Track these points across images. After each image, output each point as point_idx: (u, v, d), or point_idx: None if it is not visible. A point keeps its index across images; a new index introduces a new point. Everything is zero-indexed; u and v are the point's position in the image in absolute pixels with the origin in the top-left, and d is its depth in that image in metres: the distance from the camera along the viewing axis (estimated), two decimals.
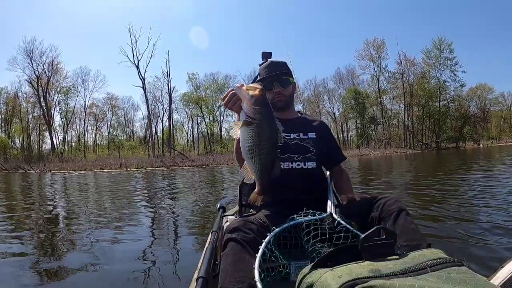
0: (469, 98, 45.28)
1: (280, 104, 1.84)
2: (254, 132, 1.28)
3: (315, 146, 1.76)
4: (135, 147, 42.54)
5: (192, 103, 45.48)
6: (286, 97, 1.86)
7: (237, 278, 1.12)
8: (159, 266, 2.97)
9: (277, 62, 1.90)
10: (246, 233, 1.27)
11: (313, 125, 1.87)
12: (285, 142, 1.70)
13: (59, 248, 3.64)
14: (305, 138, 1.78)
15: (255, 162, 1.32)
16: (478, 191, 6.04)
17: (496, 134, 52.40)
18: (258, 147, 1.29)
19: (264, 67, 1.88)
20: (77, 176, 18.11)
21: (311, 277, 0.90)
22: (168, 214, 5.45)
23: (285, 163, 1.71)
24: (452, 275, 0.79)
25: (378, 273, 0.81)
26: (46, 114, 39.35)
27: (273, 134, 1.33)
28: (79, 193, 9.69)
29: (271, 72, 1.83)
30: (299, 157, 1.72)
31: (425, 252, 0.92)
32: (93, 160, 30.87)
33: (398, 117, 42.93)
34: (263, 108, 1.28)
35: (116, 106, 49.05)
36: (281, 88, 1.83)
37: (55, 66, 40.00)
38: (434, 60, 41.12)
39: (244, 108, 1.30)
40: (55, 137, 41.85)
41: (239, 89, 1.33)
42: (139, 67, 37.19)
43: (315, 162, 1.74)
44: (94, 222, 4.87)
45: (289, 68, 1.91)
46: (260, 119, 1.28)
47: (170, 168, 22.81)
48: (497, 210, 4.42)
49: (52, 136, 40.54)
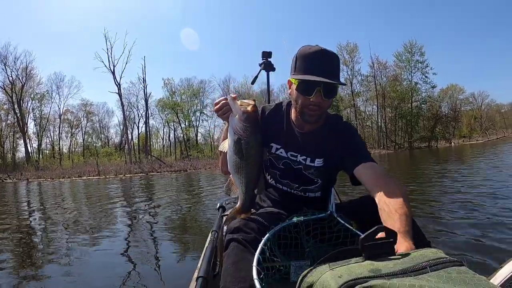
0: (440, 98, 47.84)
1: (311, 119, 1.46)
2: (242, 148, 1.28)
3: (320, 176, 1.57)
4: (111, 154, 42.91)
5: (168, 109, 46.19)
6: (322, 112, 1.46)
7: (238, 278, 1.14)
8: (159, 266, 3.12)
9: (331, 55, 1.41)
10: (247, 233, 1.29)
11: (329, 142, 1.51)
12: (287, 165, 1.58)
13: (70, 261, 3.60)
14: (310, 166, 1.54)
15: (240, 178, 1.33)
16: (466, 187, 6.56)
17: (467, 133, 54.68)
18: (244, 163, 1.30)
19: (309, 55, 1.38)
20: (58, 184, 18.71)
21: (311, 276, 0.92)
22: (165, 217, 5.68)
23: (284, 187, 1.64)
24: (452, 275, 0.79)
25: (378, 273, 0.82)
26: (21, 121, 39.27)
27: (259, 153, 1.33)
28: (67, 201, 9.80)
29: (322, 71, 1.35)
30: (299, 187, 1.61)
31: (425, 251, 0.92)
32: (69, 168, 31.31)
33: (371, 119, 45.17)
34: (253, 126, 1.27)
35: (91, 112, 49.34)
36: (323, 99, 1.39)
37: (29, 72, 39.98)
38: (405, 63, 43.48)
39: (234, 123, 1.28)
40: (29, 145, 41.80)
41: (232, 101, 1.29)
42: (114, 73, 37.84)
43: (317, 192, 1.62)
44: (91, 227, 5.09)
45: (339, 69, 1.46)
46: (249, 136, 1.27)
47: (149, 174, 23.41)
48: (496, 209, 4.57)
49: (27, 144, 40.46)
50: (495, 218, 4.12)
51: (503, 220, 3.99)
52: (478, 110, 61.39)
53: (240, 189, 1.37)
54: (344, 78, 44.91)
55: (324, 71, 1.35)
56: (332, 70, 1.39)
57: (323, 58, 1.38)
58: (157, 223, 5.28)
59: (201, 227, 4.69)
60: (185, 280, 1.77)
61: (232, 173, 1.37)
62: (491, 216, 4.25)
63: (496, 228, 3.70)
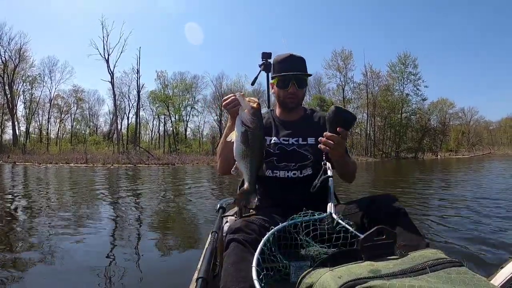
0: (430, 111, 48.72)
1: (292, 105, 1.86)
2: (248, 138, 1.47)
3: (313, 152, 1.76)
4: (99, 143, 42.86)
5: (159, 101, 46.25)
6: (299, 99, 1.86)
7: (238, 278, 1.17)
8: (159, 267, 3.09)
9: (297, 57, 1.84)
10: (248, 233, 1.33)
11: (315, 126, 1.84)
12: (282, 149, 1.80)
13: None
14: (303, 145, 1.79)
15: (246, 163, 1.51)
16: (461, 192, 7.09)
17: (454, 147, 56.16)
18: (250, 151, 1.49)
19: (281, 61, 1.83)
20: (46, 170, 18.70)
21: (310, 277, 0.94)
22: (166, 215, 5.61)
23: (281, 172, 1.78)
24: (452, 275, 0.81)
25: (378, 273, 0.83)
26: (10, 103, 38.99)
27: (262, 142, 1.56)
28: (66, 186, 10.04)
29: (291, 70, 1.79)
30: (295, 165, 1.76)
31: (425, 252, 0.94)
32: (57, 154, 31.26)
33: (361, 126, 45.58)
34: (259, 119, 1.50)
35: (81, 99, 49.25)
36: (297, 89, 1.81)
37: (23, 54, 39.65)
38: (398, 74, 44.30)
39: (243, 116, 1.48)
40: (17, 128, 41.47)
41: (241, 97, 1.50)
42: (108, 61, 38.08)
43: (312, 169, 1.76)
44: (88, 222, 4.90)
45: (306, 66, 1.86)
46: (255, 128, 1.48)
47: (137, 165, 23.47)
48: (495, 210, 4.80)
49: (15, 126, 40.13)
50: (496, 218, 4.25)
51: (503, 221, 4.15)
52: (467, 126, 62.83)
53: (245, 174, 1.52)
54: (336, 84, 46.20)
55: (294, 69, 1.79)
56: (300, 68, 1.81)
57: (292, 60, 1.81)
58: (154, 222, 5.19)
59: (200, 227, 4.68)
60: (185, 281, 1.79)
61: (238, 160, 1.53)
62: (491, 217, 4.40)
63: (496, 228, 3.79)
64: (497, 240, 3.41)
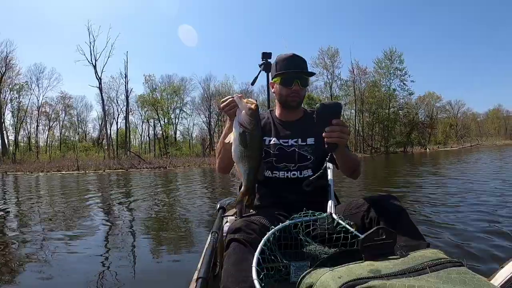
0: (417, 106, 49.98)
1: (294, 104, 1.85)
2: (247, 139, 1.46)
3: (313, 153, 1.78)
4: (89, 149, 42.85)
5: (148, 105, 46.52)
6: (301, 98, 1.86)
7: (239, 278, 1.18)
8: (159, 267, 3.10)
9: (300, 57, 1.86)
10: (249, 233, 1.34)
11: (313, 127, 1.66)
12: (281, 149, 1.80)
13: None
14: (303, 145, 1.80)
15: (244, 164, 1.50)
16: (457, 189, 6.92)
17: (442, 140, 57.44)
18: (247, 152, 1.48)
19: (285, 59, 1.84)
20: (38, 178, 18.65)
21: (310, 277, 0.94)
22: (165, 216, 5.69)
23: (281, 172, 1.78)
24: (452, 275, 0.81)
25: (378, 273, 0.83)
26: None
27: (260, 143, 1.55)
28: (61, 195, 9.74)
29: (295, 68, 1.80)
30: (295, 166, 1.77)
31: (425, 252, 0.95)
32: (47, 162, 31.11)
33: (349, 123, 45.88)
34: (256, 120, 1.49)
35: (69, 105, 49.34)
36: (300, 88, 1.81)
37: (9, 62, 39.42)
38: (385, 70, 45.41)
39: (241, 117, 1.47)
40: (6, 137, 41.12)
41: (239, 99, 1.49)
42: (96, 67, 38.23)
43: (312, 170, 1.76)
44: (87, 225, 4.98)
45: (307, 67, 1.90)
46: (253, 128, 1.47)
47: (128, 170, 23.43)
48: (495, 210, 4.70)
49: (3, 136, 39.72)
50: (495, 218, 4.23)
51: (503, 220, 4.11)
52: (454, 118, 64.37)
53: (244, 175, 1.50)
54: (323, 81, 46.94)
55: (298, 68, 1.80)
56: (303, 67, 1.84)
57: (296, 59, 1.83)
58: (152, 223, 5.24)
59: (199, 228, 4.72)
60: (185, 281, 1.79)
61: (236, 161, 1.51)
62: (491, 216, 4.37)
63: (496, 229, 3.76)
64: (497, 240, 3.42)
